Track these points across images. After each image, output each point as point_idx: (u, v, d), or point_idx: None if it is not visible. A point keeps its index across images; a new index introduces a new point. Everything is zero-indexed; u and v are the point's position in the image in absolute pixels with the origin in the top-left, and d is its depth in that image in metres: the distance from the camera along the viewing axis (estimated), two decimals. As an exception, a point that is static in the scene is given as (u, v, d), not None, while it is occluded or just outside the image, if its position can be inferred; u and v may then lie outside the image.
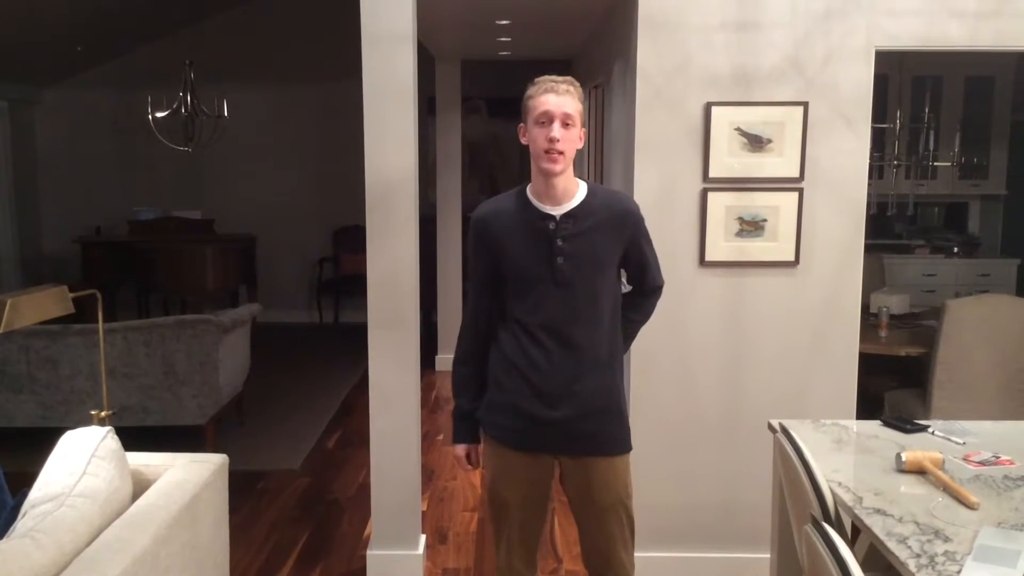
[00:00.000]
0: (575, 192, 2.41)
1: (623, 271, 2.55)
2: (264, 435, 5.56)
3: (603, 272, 2.42)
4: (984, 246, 7.31)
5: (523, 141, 2.42)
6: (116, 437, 2.46)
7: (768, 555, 3.51)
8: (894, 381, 4.78)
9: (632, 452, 2.54)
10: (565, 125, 2.31)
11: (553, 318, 2.40)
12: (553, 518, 4.20)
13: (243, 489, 4.58)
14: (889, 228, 7.15)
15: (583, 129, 2.40)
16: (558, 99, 2.33)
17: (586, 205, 2.39)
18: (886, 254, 6.69)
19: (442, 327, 7.16)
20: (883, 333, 4.71)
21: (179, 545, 2.37)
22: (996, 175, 7.00)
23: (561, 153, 2.31)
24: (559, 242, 2.37)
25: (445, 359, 7.17)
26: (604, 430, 2.45)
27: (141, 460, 2.69)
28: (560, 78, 2.39)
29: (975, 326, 4.20)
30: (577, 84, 2.41)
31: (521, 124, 2.42)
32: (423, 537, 3.81)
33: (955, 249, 7.11)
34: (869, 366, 3.76)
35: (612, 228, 2.42)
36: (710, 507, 3.70)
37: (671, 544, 3.68)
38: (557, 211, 2.39)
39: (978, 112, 6.84)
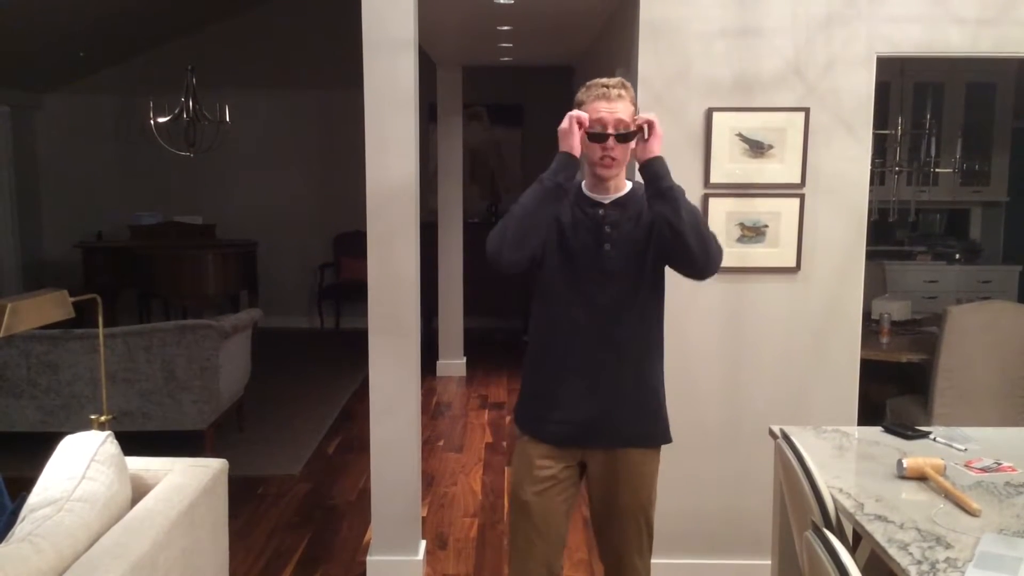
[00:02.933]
0: (623, 188, 2.45)
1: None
2: (264, 441, 5.56)
3: (648, 262, 2.40)
4: (985, 253, 7.31)
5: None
6: (115, 442, 2.45)
7: (769, 561, 3.50)
8: (895, 388, 4.77)
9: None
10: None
11: (594, 306, 2.39)
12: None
13: (243, 494, 4.57)
14: (890, 234, 7.15)
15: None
16: (610, 105, 2.33)
17: (633, 194, 2.42)
18: (887, 260, 6.68)
19: (442, 333, 7.16)
20: (884, 339, 4.70)
21: (178, 550, 2.36)
22: (998, 182, 7.00)
23: (614, 159, 2.34)
24: (607, 228, 2.39)
25: (445, 364, 7.17)
26: (638, 423, 2.45)
27: (140, 465, 2.68)
28: (612, 80, 2.36)
29: (977, 333, 4.20)
30: (629, 85, 2.38)
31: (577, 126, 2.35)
32: (423, 543, 3.80)
33: (956, 256, 7.10)
34: (870, 373, 3.76)
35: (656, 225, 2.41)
36: (712, 513, 3.69)
37: (673, 551, 3.67)
38: (606, 198, 2.42)
39: (980, 119, 6.84)
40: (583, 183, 2.48)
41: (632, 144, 2.34)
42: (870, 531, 1.95)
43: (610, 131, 2.31)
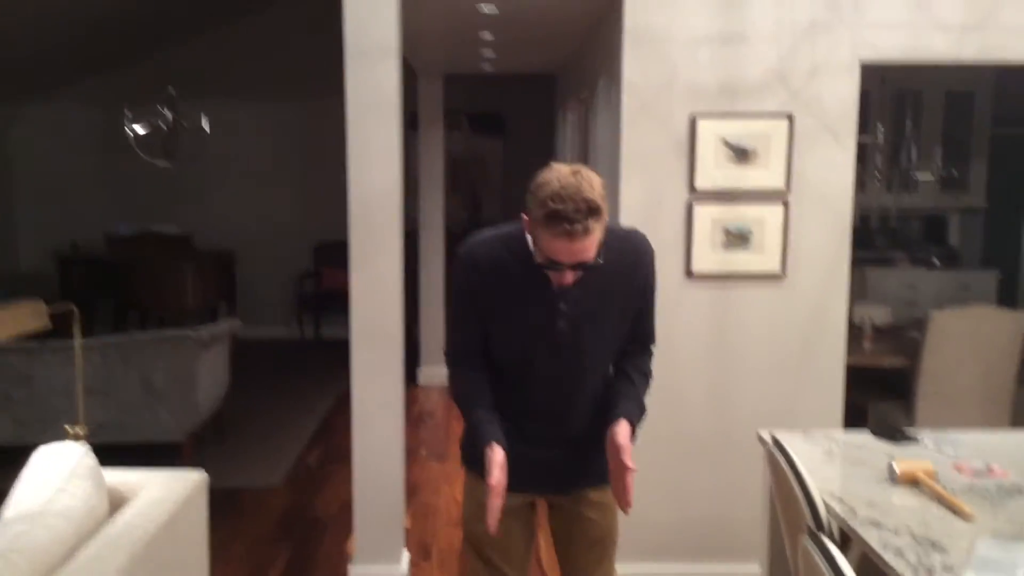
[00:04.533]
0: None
1: None
2: (244, 452, 5.48)
3: (609, 333, 2.18)
4: (964, 259, 7.36)
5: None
6: (92, 454, 2.40)
7: (756, 567, 3.48)
8: (877, 393, 4.77)
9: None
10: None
11: (548, 379, 2.17)
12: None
13: (223, 507, 4.49)
14: (870, 241, 7.18)
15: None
16: (571, 246, 1.92)
17: (596, 260, 2.00)
18: (867, 266, 6.71)
19: (424, 342, 7.12)
20: (867, 345, 4.71)
21: (157, 565, 2.30)
22: (976, 188, 7.05)
23: (572, 281, 2.02)
24: (562, 305, 2.09)
25: (427, 373, 7.12)
26: (597, 461, 2.21)
27: (118, 477, 2.62)
28: (581, 205, 1.88)
29: (959, 337, 4.21)
30: (599, 205, 1.91)
31: (525, 217, 2.02)
32: (406, 554, 3.75)
33: (935, 261, 7.14)
34: (852, 378, 3.76)
35: (623, 285, 2.15)
36: (697, 520, 3.67)
37: (659, 557, 3.64)
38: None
39: (958, 126, 6.88)
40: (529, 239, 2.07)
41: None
42: (864, 537, 1.93)
43: (567, 266, 1.97)
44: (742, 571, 3.61)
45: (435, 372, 7.14)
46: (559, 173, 1.94)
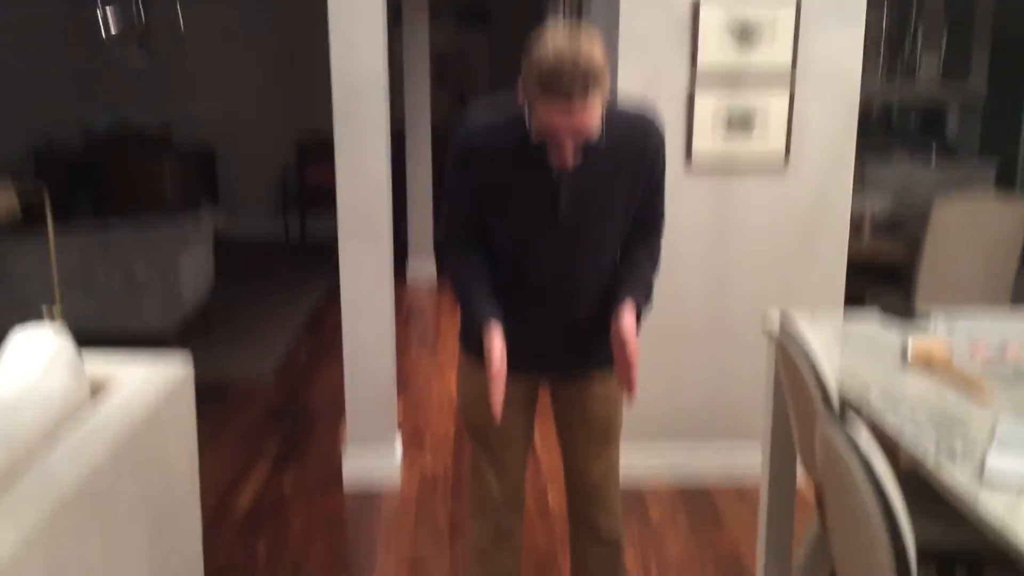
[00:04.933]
0: None
1: None
2: (233, 347, 5.40)
3: (614, 219, 2.06)
4: (962, 151, 7.23)
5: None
6: (71, 339, 2.30)
7: (755, 448, 3.48)
8: (875, 287, 4.71)
9: None
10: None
11: (549, 267, 2.06)
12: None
13: (212, 399, 4.43)
14: (869, 132, 7.02)
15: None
16: (571, 120, 1.79)
17: (599, 143, 1.89)
18: (866, 157, 6.57)
19: (412, 239, 7.01)
20: (866, 238, 4.62)
21: (142, 453, 2.23)
22: (977, 76, 6.87)
23: (573, 157, 1.90)
24: (563, 188, 1.97)
25: (416, 270, 7.03)
26: (603, 344, 2.07)
27: (99, 363, 2.54)
28: (579, 74, 1.73)
29: (961, 227, 4.13)
30: (598, 72, 1.77)
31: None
32: (399, 442, 3.73)
33: (934, 154, 7.02)
34: (849, 272, 3.67)
35: (629, 167, 2.01)
36: (694, 402, 3.64)
37: (658, 439, 3.63)
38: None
39: (960, 14, 6.67)
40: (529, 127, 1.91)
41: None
42: (881, 419, 1.87)
43: (566, 138, 1.84)
44: (741, 451, 3.59)
45: (423, 269, 7.04)
46: (555, 38, 1.79)
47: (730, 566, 3.07)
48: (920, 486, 1.75)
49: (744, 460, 3.57)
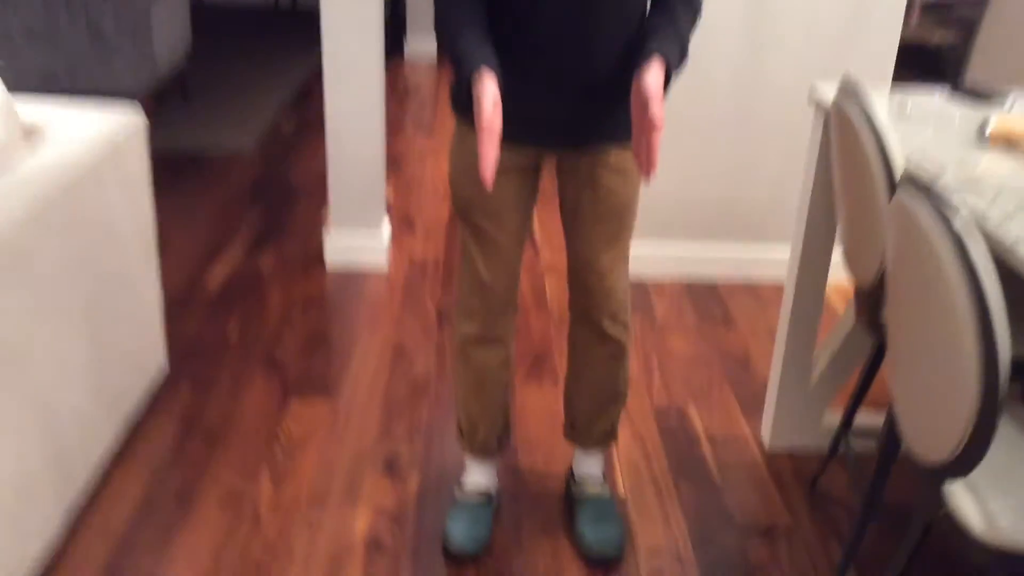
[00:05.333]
0: None
1: None
2: (212, 117, 5.00)
3: None
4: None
5: None
6: (2, 83, 1.94)
7: (768, 245, 3.21)
8: (920, 76, 4.29)
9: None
10: None
11: (558, 8, 1.66)
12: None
13: (188, 170, 4.10)
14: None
15: None
16: None
17: None
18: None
19: (410, 11, 6.45)
20: (913, 20, 4.15)
21: (76, 210, 1.93)
22: None
23: None
24: None
25: (415, 46, 6.54)
26: (622, 114, 1.73)
27: (35, 110, 2.19)
28: None
29: (1022, 8, 3.66)
30: None
31: None
32: (387, 223, 3.43)
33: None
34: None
35: None
36: (711, 200, 3.31)
37: (670, 235, 3.34)
38: None
39: None
40: None
41: None
42: (958, 202, 1.54)
43: None
44: (756, 253, 3.33)
45: (423, 45, 6.53)
46: None
47: (738, 364, 2.85)
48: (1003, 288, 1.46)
49: (759, 262, 3.30)
